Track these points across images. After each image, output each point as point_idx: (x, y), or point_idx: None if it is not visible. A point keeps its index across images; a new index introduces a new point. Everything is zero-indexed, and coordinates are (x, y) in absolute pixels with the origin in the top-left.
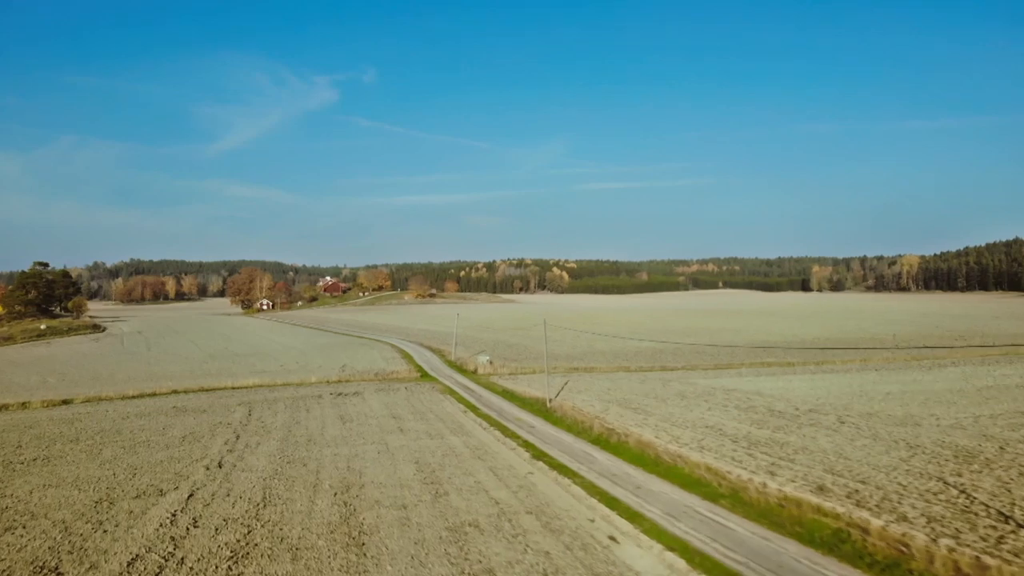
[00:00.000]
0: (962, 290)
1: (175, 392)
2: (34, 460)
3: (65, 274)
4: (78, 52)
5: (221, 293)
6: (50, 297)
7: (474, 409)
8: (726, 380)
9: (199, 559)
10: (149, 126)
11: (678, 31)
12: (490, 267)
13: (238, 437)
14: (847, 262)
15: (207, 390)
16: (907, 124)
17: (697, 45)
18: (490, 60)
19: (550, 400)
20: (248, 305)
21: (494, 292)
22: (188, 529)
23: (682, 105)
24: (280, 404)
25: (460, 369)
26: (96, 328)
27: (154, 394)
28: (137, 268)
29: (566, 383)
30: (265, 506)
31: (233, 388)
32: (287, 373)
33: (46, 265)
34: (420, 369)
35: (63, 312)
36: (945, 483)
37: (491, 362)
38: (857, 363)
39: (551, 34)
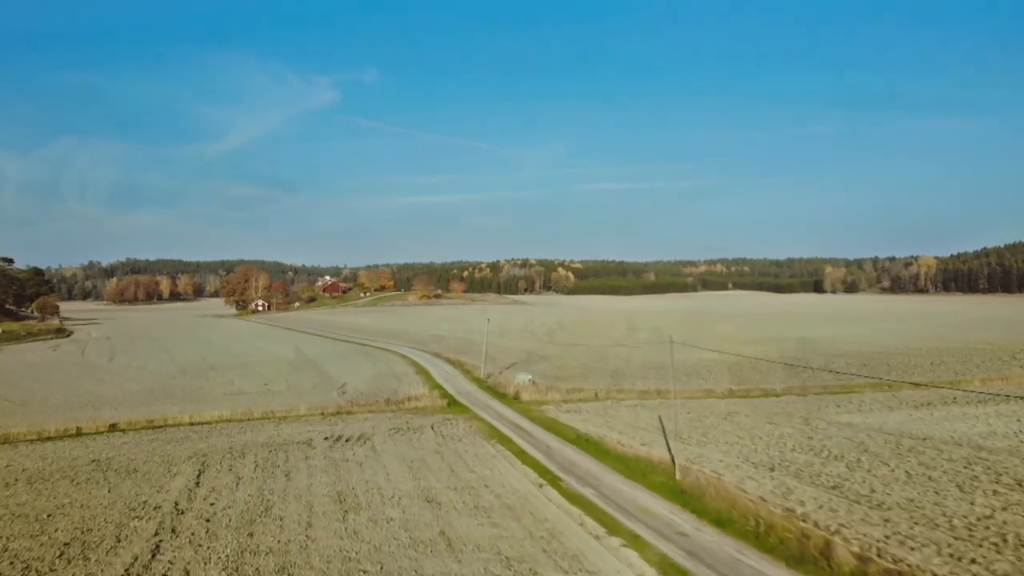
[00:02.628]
0: (984, 292)
1: (112, 428)
2: None
3: (37, 272)
4: (78, 52)
5: (218, 293)
6: (21, 297)
7: (554, 482)
8: (888, 417)
9: None
10: (149, 126)
11: (678, 31)
12: (494, 267)
13: (155, 551)
14: (859, 263)
15: (155, 427)
16: (913, 124)
17: (697, 45)
18: (491, 60)
19: (677, 464)
20: (243, 306)
21: (499, 292)
22: None
23: (682, 105)
24: (249, 459)
25: (496, 393)
26: (60, 332)
27: (80, 433)
28: (133, 267)
29: (661, 423)
30: None
31: (191, 424)
32: (270, 397)
33: (11, 261)
34: (445, 393)
35: (34, 314)
36: None
37: (533, 382)
38: (1000, 383)
39: (551, 34)
